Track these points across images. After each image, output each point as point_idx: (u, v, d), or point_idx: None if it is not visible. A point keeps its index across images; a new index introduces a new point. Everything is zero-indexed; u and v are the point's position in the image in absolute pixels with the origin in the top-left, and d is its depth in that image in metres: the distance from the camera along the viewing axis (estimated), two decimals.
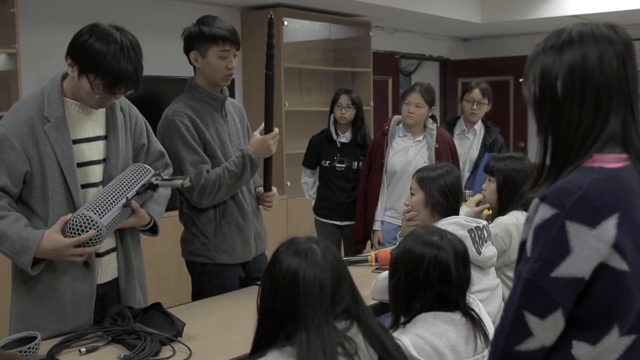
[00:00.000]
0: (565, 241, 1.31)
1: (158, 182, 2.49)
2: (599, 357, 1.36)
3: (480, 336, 2.04)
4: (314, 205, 4.84)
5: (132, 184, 2.40)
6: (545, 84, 1.43)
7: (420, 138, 4.30)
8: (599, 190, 1.32)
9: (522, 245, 1.42)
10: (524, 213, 3.10)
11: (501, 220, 3.08)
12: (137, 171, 2.45)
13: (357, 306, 1.66)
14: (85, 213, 2.24)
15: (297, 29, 6.30)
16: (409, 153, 4.28)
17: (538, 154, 1.47)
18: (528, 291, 1.34)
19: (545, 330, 1.34)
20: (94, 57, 2.22)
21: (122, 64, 2.23)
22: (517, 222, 3.05)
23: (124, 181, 2.39)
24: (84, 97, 2.33)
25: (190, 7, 5.59)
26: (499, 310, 2.67)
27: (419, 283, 2.03)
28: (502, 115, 8.21)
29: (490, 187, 3.25)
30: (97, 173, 2.42)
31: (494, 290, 2.70)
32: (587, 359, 1.35)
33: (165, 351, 2.19)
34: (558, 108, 1.41)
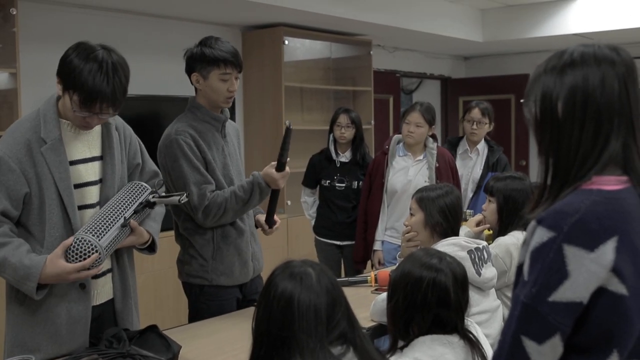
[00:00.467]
0: (563, 265, 1.28)
1: (155, 199, 2.48)
2: None
3: (479, 359, 2.02)
4: (314, 225, 4.82)
5: (129, 203, 2.38)
6: (546, 105, 1.41)
7: (421, 157, 4.28)
8: (597, 213, 1.30)
9: (519, 268, 1.39)
10: (525, 233, 3.07)
11: (501, 240, 3.05)
12: (133, 190, 2.43)
13: (354, 331, 1.63)
14: (86, 237, 2.23)
15: (297, 48, 6.31)
16: (409, 172, 4.26)
17: (539, 176, 1.45)
18: (525, 316, 1.32)
19: (543, 356, 1.31)
20: (72, 73, 2.22)
21: (97, 82, 2.21)
22: (517, 242, 3.02)
23: (121, 201, 2.37)
24: (69, 116, 2.33)
25: (191, 26, 5.61)
26: (499, 332, 2.64)
27: (416, 306, 2.00)
28: (504, 134, 8.21)
29: (490, 207, 3.23)
30: (93, 194, 2.41)
31: (494, 312, 2.67)
32: None
33: None
34: (558, 129, 1.40)
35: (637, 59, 1.64)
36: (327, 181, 4.67)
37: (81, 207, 2.37)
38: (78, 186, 2.35)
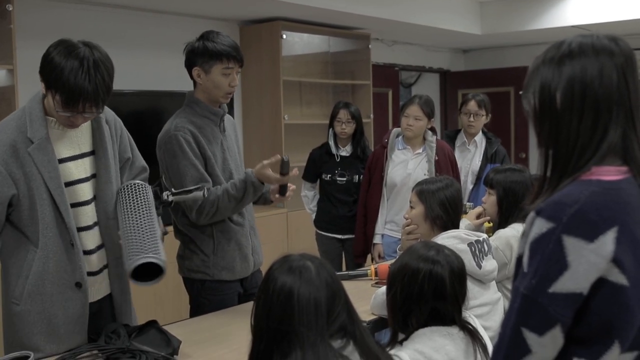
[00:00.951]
0: (563, 256, 1.28)
1: (175, 198, 2.46)
2: None
3: (480, 349, 2.02)
4: (315, 219, 4.82)
5: (150, 209, 2.35)
6: (545, 96, 1.41)
7: (420, 150, 4.28)
8: (597, 204, 1.30)
9: (519, 260, 1.39)
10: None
11: (502, 233, 3.05)
12: (137, 193, 2.38)
13: (353, 324, 1.63)
14: (152, 259, 2.22)
15: (296, 42, 6.30)
16: (408, 166, 4.25)
17: (539, 167, 1.44)
18: (525, 307, 1.31)
19: (544, 347, 1.31)
20: (53, 72, 2.15)
21: (79, 81, 2.13)
22: (518, 234, 3.01)
23: (142, 209, 2.32)
24: (55, 115, 2.27)
25: (188, 21, 5.59)
26: (500, 325, 2.63)
27: (413, 298, 2.00)
28: (503, 126, 8.20)
29: (490, 199, 3.22)
30: (86, 191, 2.38)
31: (495, 305, 2.66)
32: None
33: None
34: (557, 120, 1.39)
35: (637, 50, 1.63)
36: (328, 175, 4.67)
37: (74, 205, 2.34)
38: (69, 184, 2.32)
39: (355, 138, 4.67)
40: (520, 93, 1.51)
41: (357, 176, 4.61)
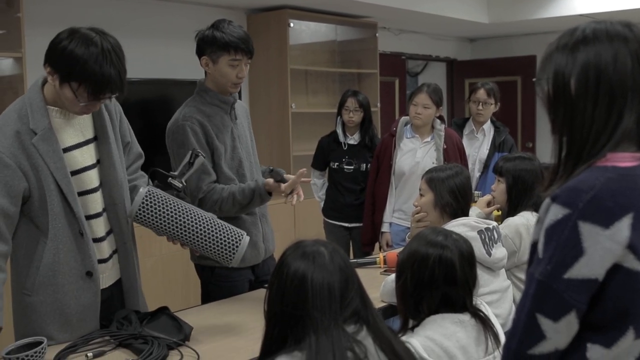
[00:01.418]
0: (578, 242, 1.28)
1: (185, 178, 2.48)
2: None
3: (491, 337, 2.02)
4: (323, 207, 4.83)
5: (181, 205, 2.36)
6: (559, 83, 1.40)
7: (428, 139, 4.28)
8: (612, 190, 1.29)
9: (534, 246, 1.39)
10: (534, 214, 3.07)
11: (511, 221, 3.05)
12: (160, 200, 2.33)
13: (366, 309, 1.63)
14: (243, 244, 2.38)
15: (303, 30, 6.29)
16: (417, 154, 4.25)
17: (553, 154, 1.44)
18: (540, 293, 1.32)
19: (558, 333, 1.31)
20: (76, 64, 2.12)
21: (105, 69, 2.13)
22: (527, 222, 3.02)
23: (181, 211, 2.34)
24: (67, 105, 2.24)
25: (196, 9, 5.59)
26: (509, 312, 2.65)
27: (424, 284, 2.01)
28: (510, 116, 8.19)
29: (499, 187, 3.22)
30: (93, 178, 2.37)
31: (505, 292, 2.67)
32: None
33: (173, 355, 2.17)
34: (572, 107, 1.39)
35: None
36: (336, 163, 4.67)
37: (82, 193, 2.34)
38: (76, 172, 2.31)
39: (363, 126, 4.67)
40: (534, 80, 1.51)
41: (365, 164, 4.62)
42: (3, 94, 4.38)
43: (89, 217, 2.36)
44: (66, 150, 2.29)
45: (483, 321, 2.03)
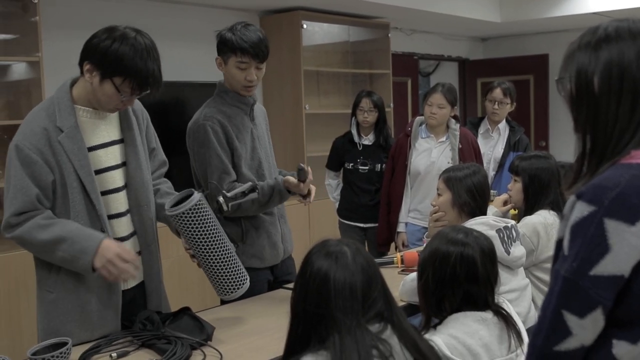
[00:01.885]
0: (604, 239, 1.28)
1: (233, 203, 2.55)
2: None
3: (513, 334, 2.02)
4: (338, 208, 4.84)
5: (219, 230, 2.40)
6: (582, 81, 1.41)
7: (444, 139, 4.28)
8: (637, 187, 1.30)
9: (559, 243, 1.39)
10: (551, 212, 3.07)
11: (528, 219, 3.05)
12: (203, 216, 2.35)
13: (391, 309, 1.64)
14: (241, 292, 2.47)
15: (316, 31, 6.30)
16: (432, 154, 4.26)
17: (576, 152, 1.44)
18: (567, 290, 1.32)
19: (584, 330, 1.32)
20: (122, 60, 2.21)
21: (149, 64, 2.24)
22: (544, 221, 3.02)
23: (214, 235, 2.38)
24: (103, 102, 2.30)
25: (209, 12, 5.62)
26: (528, 311, 2.65)
27: (446, 282, 2.02)
28: (523, 115, 8.17)
29: (516, 186, 3.22)
30: (116, 178, 2.41)
31: (523, 291, 2.67)
32: (629, 358, 1.32)
33: (196, 355, 2.19)
34: (595, 105, 1.39)
35: None
36: (350, 164, 4.68)
37: (105, 193, 2.37)
38: (99, 172, 2.35)
39: (377, 127, 4.68)
40: (555, 79, 1.51)
41: (380, 165, 4.63)
42: (17, 98, 4.42)
43: (112, 217, 2.39)
44: (91, 149, 2.33)
45: (505, 319, 2.03)
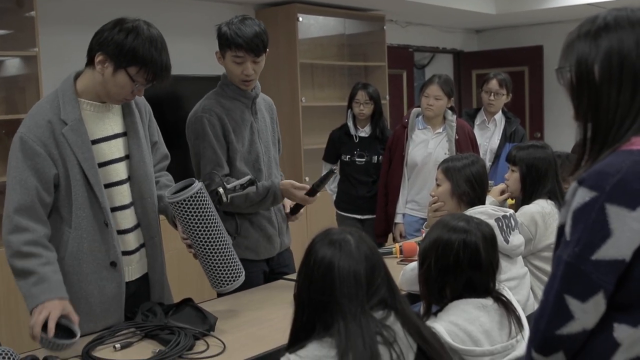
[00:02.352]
0: (606, 224, 1.30)
1: (231, 195, 2.58)
2: None
3: (514, 321, 2.05)
4: (335, 200, 4.86)
5: (217, 221, 2.43)
6: (582, 70, 1.43)
7: (440, 130, 4.30)
8: (638, 173, 1.32)
9: (561, 229, 1.41)
10: (549, 201, 3.09)
11: (526, 209, 3.07)
12: (202, 204, 2.37)
13: (394, 297, 1.66)
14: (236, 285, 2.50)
15: (311, 24, 6.31)
16: (429, 145, 4.28)
17: (577, 139, 1.47)
18: (569, 275, 1.34)
19: (586, 313, 1.34)
20: (138, 50, 2.24)
21: (163, 55, 2.30)
22: (542, 210, 3.04)
23: (212, 225, 2.40)
24: (114, 92, 2.32)
25: (206, 5, 5.62)
26: (527, 299, 2.67)
27: (449, 268, 2.03)
28: (518, 106, 8.18)
29: (513, 176, 3.25)
30: (120, 171, 2.42)
31: (522, 279, 2.69)
32: (630, 341, 1.34)
33: (199, 346, 2.20)
34: (596, 93, 1.41)
35: None
36: (347, 156, 4.70)
37: (108, 185, 2.39)
38: (103, 164, 2.37)
39: (374, 119, 4.69)
40: (555, 69, 1.53)
41: (376, 157, 4.64)
42: (14, 93, 4.41)
43: (115, 209, 2.41)
44: (94, 142, 2.35)
45: (506, 305, 2.05)
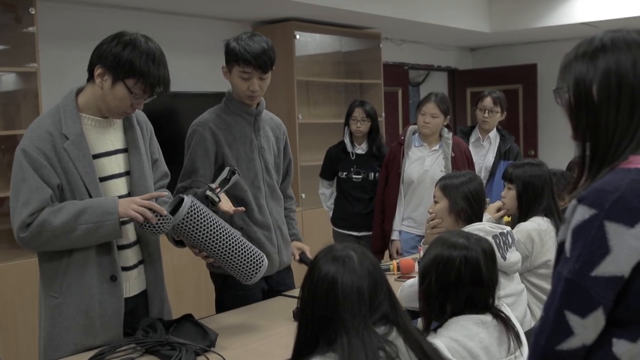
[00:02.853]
0: (605, 241, 1.33)
1: (221, 192, 2.62)
2: None
3: (513, 337, 2.07)
4: (332, 216, 4.87)
5: (219, 223, 2.45)
6: (581, 90, 1.46)
7: (437, 147, 4.33)
8: (637, 191, 1.35)
9: (561, 246, 1.44)
10: (545, 219, 3.13)
11: (523, 226, 3.10)
12: (200, 216, 2.41)
13: (396, 312, 1.67)
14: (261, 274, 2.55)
15: (308, 42, 6.35)
16: (425, 162, 4.31)
17: (576, 159, 1.50)
18: (569, 291, 1.37)
19: (586, 329, 1.36)
20: (134, 62, 2.28)
21: (161, 68, 2.34)
22: (538, 227, 3.07)
23: (217, 229, 2.43)
24: (113, 106, 2.36)
25: (203, 22, 5.66)
26: (524, 315, 2.70)
27: (451, 284, 2.06)
28: (512, 124, 8.24)
29: (509, 194, 3.28)
30: (119, 186, 2.44)
31: (519, 295, 2.72)
32: (628, 356, 1.37)
33: None
34: (595, 113, 1.45)
35: None
36: (344, 173, 4.72)
37: None
38: (103, 179, 2.39)
39: (370, 136, 4.72)
40: (552, 90, 1.56)
41: (373, 174, 4.66)
42: (13, 108, 4.43)
43: None
44: (95, 157, 2.37)
45: (504, 322, 2.08)
